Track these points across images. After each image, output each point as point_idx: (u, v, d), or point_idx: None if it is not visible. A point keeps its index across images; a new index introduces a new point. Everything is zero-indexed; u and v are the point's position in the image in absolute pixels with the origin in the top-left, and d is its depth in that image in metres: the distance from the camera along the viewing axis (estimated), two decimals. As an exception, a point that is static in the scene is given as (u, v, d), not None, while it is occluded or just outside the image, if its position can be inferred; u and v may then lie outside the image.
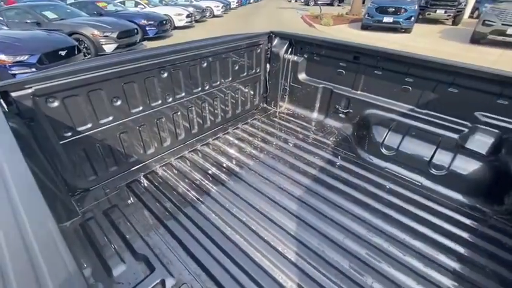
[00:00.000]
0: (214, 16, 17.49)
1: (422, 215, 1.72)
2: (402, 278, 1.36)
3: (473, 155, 1.89)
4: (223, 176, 2.03)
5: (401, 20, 11.34)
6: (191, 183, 1.97)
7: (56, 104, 1.55)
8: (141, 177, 2.02)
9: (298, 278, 1.34)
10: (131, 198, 1.82)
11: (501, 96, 1.80)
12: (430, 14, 13.87)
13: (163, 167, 2.13)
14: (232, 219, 1.67)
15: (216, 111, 2.59)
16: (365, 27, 12.41)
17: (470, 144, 1.91)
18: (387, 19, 11.51)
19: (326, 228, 1.61)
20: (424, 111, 2.15)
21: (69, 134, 1.65)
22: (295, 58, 2.77)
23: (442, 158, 1.95)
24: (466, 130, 1.97)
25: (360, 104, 2.50)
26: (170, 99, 2.13)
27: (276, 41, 2.79)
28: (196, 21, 14.48)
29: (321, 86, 2.72)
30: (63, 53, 5.73)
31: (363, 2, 18.01)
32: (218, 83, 2.46)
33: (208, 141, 2.46)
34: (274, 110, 3.07)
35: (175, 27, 12.24)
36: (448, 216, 1.72)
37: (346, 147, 2.43)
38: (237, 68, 2.58)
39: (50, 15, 7.79)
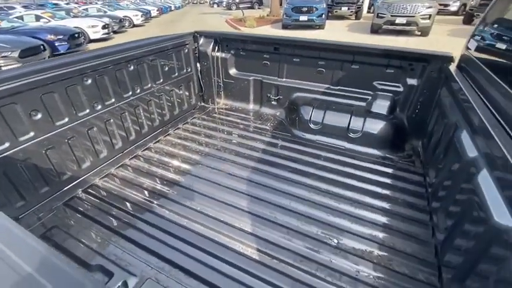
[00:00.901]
0: (134, 26, 16.55)
1: (349, 171, 2.06)
2: (340, 222, 1.62)
3: (377, 116, 2.33)
4: (171, 175, 2.04)
5: (314, 17, 12.64)
6: (138, 187, 1.93)
7: None
8: (80, 193, 1.88)
9: (256, 244, 1.48)
10: (72, 217, 1.69)
11: (388, 66, 2.27)
12: (337, 12, 15.86)
13: (104, 179, 2.02)
14: (187, 210, 1.71)
15: (152, 115, 2.55)
16: (285, 27, 13.43)
17: (374, 108, 2.36)
18: (303, 18, 12.68)
19: (275, 198, 1.80)
20: (337, 87, 2.54)
21: None
22: (223, 55, 2.92)
23: (357, 123, 2.35)
24: (370, 98, 2.41)
25: (287, 90, 2.79)
26: (99, 107, 2.03)
27: (202, 40, 2.90)
28: (115, 32, 13.49)
29: (251, 78, 2.93)
30: None
31: (280, 4, 19.44)
32: (149, 85, 2.44)
33: (149, 145, 2.41)
34: (212, 107, 3.16)
35: (91, 40, 11.20)
36: (368, 168, 2.10)
37: (282, 129, 2.69)
38: (167, 69, 2.59)
39: None
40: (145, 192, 1.88)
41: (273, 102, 2.93)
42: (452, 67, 1.96)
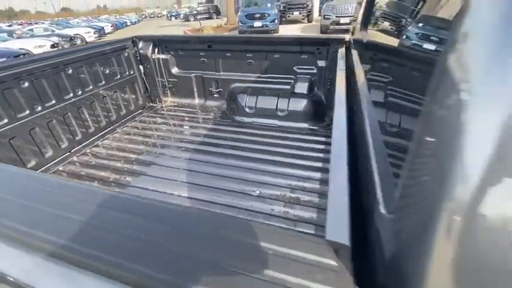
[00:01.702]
0: (87, 43, 16.06)
1: (277, 142, 2.40)
2: (263, 178, 1.93)
3: (300, 96, 2.72)
4: (120, 164, 2.21)
5: (267, 23, 13.34)
6: (87, 178, 2.08)
7: None
8: None
9: (190, 204, 1.74)
10: None
11: (302, 52, 2.68)
12: (289, 16, 16.84)
13: (51, 175, 2.14)
14: (135, 190, 1.91)
15: (98, 115, 2.70)
16: (242, 33, 13.96)
17: (297, 89, 2.75)
18: (257, 24, 13.33)
19: (212, 170, 2.06)
20: (265, 75, 2.90)
21: None
22: (164, 56, 3.17)
23: (283, 103, 2.72)
24: (292, 81, 2.81)
25: (225, 82, 3.10)
26: (39, 109, 2.16)
27: (141, 44, 3.12)
28: (67, 50, 13.03)
29: (192, 75, 3.20)
30: None
31: (237, 13, 20.10)
32: (91, 87, 2.60)
33: (97, 143, 2.56)
34: (160, 106, 3.37)
35: (41, 60, 10.73)
36: (294, 138, 2.46)
37: (225, 117, 2.99)
38: (108, 72, 2.77)
39: None
40: (95, 182, 2.04)
41: (215, 95, 3.22)
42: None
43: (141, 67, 3.19)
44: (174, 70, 3.26)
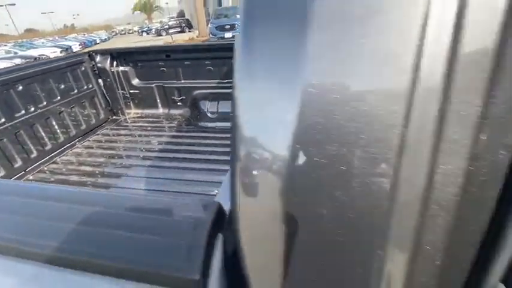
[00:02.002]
0: (54, 63, 15.55)
1: None
2: (222, 178, 1.99)
3: None
4: (81, 179, 2.18)
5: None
6: None
7: None
8: None
9: None
10: None
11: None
12: (259, 26, 17.32)
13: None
14: None
15: (55, 132, 2.63)
16: (213, 44, 14.16)
17: None
18: (228, 34, 13.56)
19: (178, 175, 2.09)
20: (225, 80, 2.99)
21: None
22: (122, 68, 3.17)
23: None
24: None
25: (187, 90, 3.15)
26: None
27: (98, 58, 3.10)
28: (31, 71, 12.52)
29: (154, 85, 3.22)
30: None
31: (208, 25, 20.38)
32: (45, 103, 2.55)
33: (55, 159, 2.50)
34: (124, 118, 3.35)
35: (2, 83, 10.22)
36: None
37: (188, 124, 3.03)
38: (63, 87, 2.73)
39: None
40: None
41: (178, 103, 3.25)
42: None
43: (100, 81, 3.17)
44: (135, 81, 3.26)
